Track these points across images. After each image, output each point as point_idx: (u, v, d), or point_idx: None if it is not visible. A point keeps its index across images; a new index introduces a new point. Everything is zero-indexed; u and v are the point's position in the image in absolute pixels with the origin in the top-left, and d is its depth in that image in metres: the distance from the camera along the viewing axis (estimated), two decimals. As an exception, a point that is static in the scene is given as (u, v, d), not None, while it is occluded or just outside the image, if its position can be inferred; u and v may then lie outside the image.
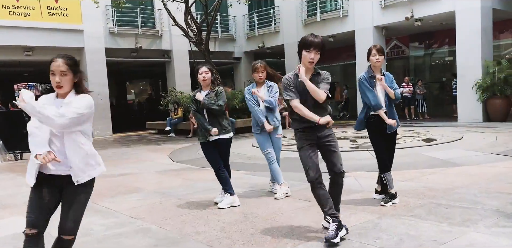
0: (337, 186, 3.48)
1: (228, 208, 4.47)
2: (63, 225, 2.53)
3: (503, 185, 4.90)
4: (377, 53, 4.31)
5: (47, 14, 15.88)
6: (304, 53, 3.39)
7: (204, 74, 4.65)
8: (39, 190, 2.50)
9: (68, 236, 2.54)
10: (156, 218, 4.31)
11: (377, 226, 3.65)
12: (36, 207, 2.50)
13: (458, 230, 3.42)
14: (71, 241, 2.57)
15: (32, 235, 2.46)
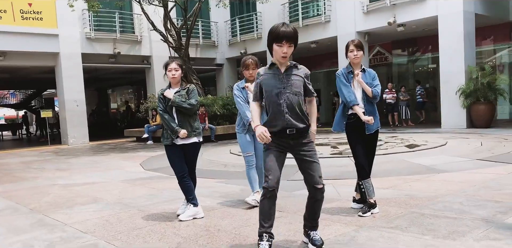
0: (315, 201, 3.01)
1: (190, 221, 4.01)
2: None
3: (491, 192, 4.55)
4: (355, 49, 3.96)
5: (20, 18, 15.26)
6: (276, 48, 2.93)
7: (174, 71, 4.16)
8: None
9: None
10: (108, 232, 3.82)
11: (353, 239, 3.23)
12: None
13: (441, 243, 3.03)
14: None
15: None
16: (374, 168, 4.21)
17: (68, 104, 16.26)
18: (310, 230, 3.08)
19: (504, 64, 15.77)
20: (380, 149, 8.27)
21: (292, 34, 2.93)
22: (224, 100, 15.06)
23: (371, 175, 4.04)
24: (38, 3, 15.61)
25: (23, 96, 35.87)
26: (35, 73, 20.13)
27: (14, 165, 10.23)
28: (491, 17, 14.26)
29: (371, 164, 4.08)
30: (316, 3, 16.83)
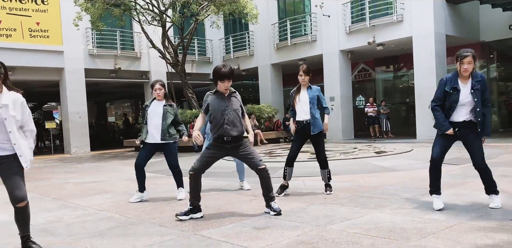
0: (263, 179, 4.23)
1: (184, 201, 5.14)
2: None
3: (425, 183, 5.68)
4: (303, 74, 5.14)
5: (28, 36, 16.44)
6: (220, 84, 4.18)
7: (158, 90, 5.38)
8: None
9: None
10: (120, 210, 4.95)
11: (304, 210, 4.38)
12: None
13: (367, 212, 4.18)
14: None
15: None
16: (339, 168, 5.46)
17: (72, 116, 17.36)
18: (270, 202, 4.23)
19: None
20: (351, 154, 9.45)
21: (230, 73, 4.21)
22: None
23: (328, 167, 5.23)
24: (45, 22, 16.81)
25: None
26: (38, 87, 21.23)
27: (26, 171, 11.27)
28: (462, 38, 15.58)
29: (322, 159, 5.22)
30: (303, 23, 18.15)
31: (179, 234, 3.70)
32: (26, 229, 3.36)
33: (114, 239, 3.65)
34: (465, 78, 3.99)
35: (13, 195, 3.27)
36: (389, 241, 3.15)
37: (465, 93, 3.96)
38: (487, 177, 4.10)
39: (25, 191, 3.31)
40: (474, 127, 4.01)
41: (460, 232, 3.29)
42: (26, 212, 3.32)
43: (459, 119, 4.02)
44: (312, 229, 3.60)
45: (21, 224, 3.34)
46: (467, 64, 3.91)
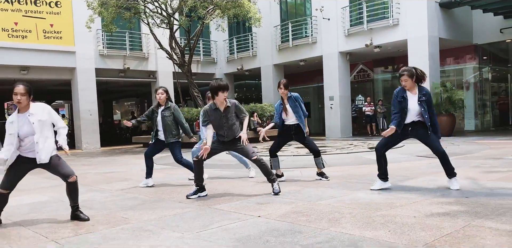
0: (260, 166, 5.10)
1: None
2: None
3: (407, 172, 6.53)
4: (283, 88, 6.00)
5: (42, 37, 17.31)
6: (220, 94, 5.00)
7: (160, 95, 6.20)
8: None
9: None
10: (143, 192, 5.79)
11: (299, 191, 5.21)
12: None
13: (351, 192, 5.00)
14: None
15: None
16: (334, 161, 6.32)
17: (83, 113, 18.23)
18: (272, 183, 5.05)
19: (469, 82, 17.84)
20: (346, 150, 10.27)
21: (226, 86, 5.08)
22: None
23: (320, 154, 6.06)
24: (59, 23, 17.68)
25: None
26: (50, 85, 22.12)
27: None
28: (456, 41, 16.37)
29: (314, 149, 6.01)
30: (304, 26, 18.95)
31: (196, 208, 4.52)
32: (75, 200, 4.21)
33: (144, 211, 4.48)
34: (409, 89, 4.92)
35: (62, 174, 4.12)
36: (363, 211, 3.97)
37: (413, 102, 4.89)
38: (445, 161, 4.92)
39: (71, 169, 4.17)
40: (422, 125, 4.88)
41: (423, 205, 4.11)
42: (76, 186, 4.17)
43: (409, 121, 4.92)
44: (305, 204, 4.43)
45: (72, 196, 4.19)
46: (404, 81, 4.91)
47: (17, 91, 3.93)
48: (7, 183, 4.11)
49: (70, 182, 4.14)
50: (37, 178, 7.79)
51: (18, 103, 3.94)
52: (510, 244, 2.82)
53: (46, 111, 4.12)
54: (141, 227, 3.79)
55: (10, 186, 4.14)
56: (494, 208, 3.83)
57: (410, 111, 4.89)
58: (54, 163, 4.14)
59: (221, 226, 3.65)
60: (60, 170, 4.16)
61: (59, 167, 4.16)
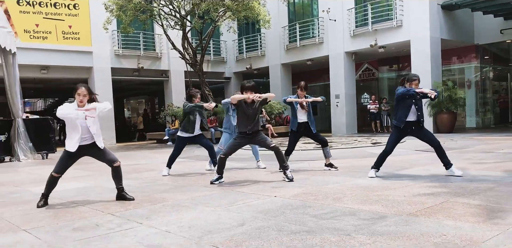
0: (276, 154, 5.88)
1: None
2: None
3: (402, 163, 7.28)
4: (303, 91, 6.76)
5: (62, 38, 18.22)
6: (249, 93, 5.85)
7: (199, 97, 7.09)
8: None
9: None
10: (171, 179, 6.60)
11: (307, 178, 5.99)
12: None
13: (353, 179, 5.77)
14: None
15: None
16: (339, 154, 7.02)
17: (98, 111, 19.11)
18: (285, 171, 5.83)
19: (471, 81, 18.48)
20: (351, 145, 11.02)
21: (254, 86, 5.91)
22: (232, 109, 17.82)
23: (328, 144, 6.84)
24: (77, 25, 18.58)
25: (46, 105, 38.91)
26: (67, 84, 23.05)
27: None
28: (457, 41, 17.03)
29: (321, 140, 6.80)
30: (311, 27, 19.69)
31: (220, 191, 5.33)
32: (120, 182, 5.02)
33: (177, 193, 5.29)
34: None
35: (109, 159, 4.94)
36: (362, 192, 4.75)
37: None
38: (442, 153, 5.64)
39: (115, 156, 4.97)
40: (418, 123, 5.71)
41: (413, 188, 4.87)
42: (120, 170, 4.99)
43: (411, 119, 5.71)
44: (313, 187, 5.22)
45: (117, 179, 5.00)
46: (415, 85, 5.64)
47: (80, 92, 4.74)
48: (61, 168, 4.93)
49: (115, 167, 4.96)
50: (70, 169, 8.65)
51: (80, 102, 4.75)
52: (472, 212, 3.59)
53: (97, 108, 4.92)
54: (178, 204, 4.60)
55: (62, 171, 4.95)
56: (471, 190, 4.59)
57: (412, 110, 5.64)
58: (103, 150, 4.95)
59: (245, 203, 4.45)
60: (106, 156, 4.97)
61: (106, 154, 4.97)
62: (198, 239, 3.20)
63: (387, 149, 5.87)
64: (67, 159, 4.91)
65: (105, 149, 5.04)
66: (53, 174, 4.93)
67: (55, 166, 4.95)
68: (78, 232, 3.60)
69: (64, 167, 4.95)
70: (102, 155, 4.98)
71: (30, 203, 5.08)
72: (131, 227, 3.69)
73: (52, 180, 4.94)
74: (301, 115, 6.79)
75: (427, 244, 2.83)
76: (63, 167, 4.94)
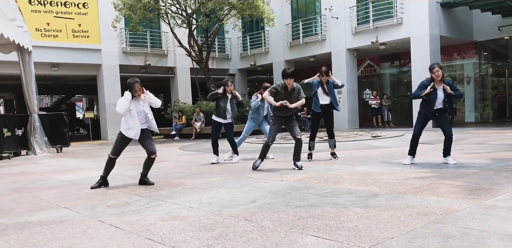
0: (297, 145, 6.41)
1: (229, 163, 7.36)
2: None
3: (398, 154, 7.80)
4: (325, 75, 7.26)
5: (71, 36, 18.80)
6: (288, 80, 6.39)
7: (231, 88, 7.63)
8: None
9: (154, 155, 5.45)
10: (183, 169, 7.16)
11: (311, 167, 6.55)
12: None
13: (352, 167, 6.33)
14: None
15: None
16: (340, 146, 7.50)
17: (108, 106, 19.71)
18: (296, 161, 6.38)
19: (470, 77, 18.96)
20: (352, 138, 11.56)
21: (293, 73, 6.40)
22: (237, 104, 18.34)
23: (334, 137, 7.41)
24: (86, 23, 19.16)
25: (53, 101, 39.60)
26: (76, 80, 23.69)
27: (83, 151, 13.67)
28: (457, 38, 17.50)
29: (331, 131, 7.39)
30: (314, 24, 20.20)
31: (233, 177, 5.89)
32: (146, 171, 5.59)
33: (193, 179, 5.87)
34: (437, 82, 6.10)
35: (150, 149, 5.55)
36: (359, 176, 5.30)
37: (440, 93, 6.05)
38: (448, 144, 6.19)
39: (155, 148, 5.56)
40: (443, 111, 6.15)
41: (405, 173, 5.42)
42: (153, 162, 5.59)
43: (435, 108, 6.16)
44: (315, 173, 5.77)
45: (147, 167, 5.61)
46: (437, 72, 6.04)
47: (136, 88, 5.42)
48: (117, 150, 5.58)
49: (152, 158, 5.56)
50: (92, 160, 9.26)
51: (136, 93, 5.41)
52: (454, 190, 4.15)
53: (147, 100, 5.50)
54: (196, 187, 5.16)
55: (118, 153, 5.59)
56: (457, 174, 5.13)
57: (438, 100, 6.05)
58: (150, 138, 5.55)
59: (255, 186, 5.01)
60: (149, 146, 5.54)
61: (150, 143, 5.55)
62: (218, 212, 3.76)
63: (415, 133, 6.35)
64: (121, 142, 5.53)
65: (152, 140, 5.61)
66: (111, 155, 5.59)
67: (112, 149, 5.62)
68: (112, 208, 4.17)
69: (119, 149, 5.60)
70: (148, 141, 5.54)
71: (61, 188, 5.66)
72: (157, 204, 4.26)
73: (109, 161, 5.60)
74: (323, 99, 7.29)
75: (411, 213, 3.38)
76: (118, 149, 5.59)
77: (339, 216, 3.40)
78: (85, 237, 3.21)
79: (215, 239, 2.97)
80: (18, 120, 12.78)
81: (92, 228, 3.46)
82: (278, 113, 6.46)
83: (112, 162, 5.63)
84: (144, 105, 5.46)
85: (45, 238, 3.24)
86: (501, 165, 5.80)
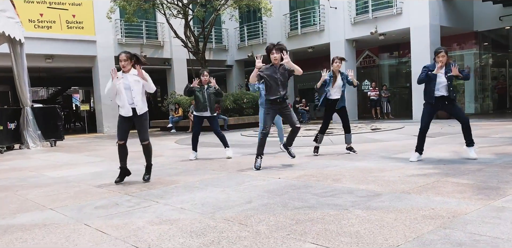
0: (293, 132, 6.07)
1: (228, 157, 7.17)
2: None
3: (400, 148, 7.61)
4: (338, 61, 6.99)
5: (66, 27, 18.48)
6: (271, 56, 5.90)
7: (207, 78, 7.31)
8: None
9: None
10: (180, 164, 6.94)
11: (309, 162, 6.34)
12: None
13: (352, 162, 6.12)
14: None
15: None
16: (339, 140, 7.30)
17: (104, 99, 19.42)
18: (288, 145, 6.11)
19: (470, 67, 18.70)
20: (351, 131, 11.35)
21: (282, 47, 5.91)
22: (235, 97, 18.01)
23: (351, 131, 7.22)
24: (80, 14, 18.82)
25: (49, 93, 39.23)
26: (71, 72, 23.36)
27: (77, 144, 13.42)
28: (457, 28, 17.25)
29: (347, 125, 7.15)
30: (313, 14, 19.91)
31: (228, 174, 5.68)
32: (147, 160, 5.42)
33: (187, 176, 5.65)
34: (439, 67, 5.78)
35: (141, 137, 5.34)
36: (360, 174, 5.09)
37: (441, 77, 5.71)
38: (468, 132, 5.86)
39: (148, 135, 5.33)
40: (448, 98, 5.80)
41: (407, 170, 5.21)
42: (148, 148, 5.38)
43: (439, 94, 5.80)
44: (314, 170, 5.56)
45: (146, 156, 5.40)
46: (442, 57, 5.73)
47: (121, 58, 5.17)
48: (121, 133, 5.32)
49: (143, 145, 5.34)
50: (84, 154, 9.05)
51: (123, 67, 5.14)
52: (460, 189, 3.94)
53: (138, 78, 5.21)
54: (189, 186, 4.95)
55: (123, 136, 5.32)
56: (462, 171, 4.93)
57: (440, 85, 5.72)
58: (143, 121, 5.26)
59: (251, 184, 4.80)
60: (140, 133, 5.31)
61: (141, 130, 5.31)
62: (211, 214, 3.55)
63: (422, 126, 5.99)
64: (120, 123, 5.31)
65: (146, 123, 5.33)
66: (118, 142, 5.36)
67: (117, 134, 5.39)
68: (100, 210, 3.95)
69: (122, 131, 5.33)
70: (139, 128, 5.30)
71: (50, 186, 5.44)
72: (148, 205, 4.04)
73: (119, 148, 5.36)
74: (334, 92, 6.97)
75: (416, 216, 3.17)
76: (121, 131, 5.33)
77: (339, 219, 3.19)
78: (68, 243, 3.00)
79: (206, 247, 2.75)
80: (10, 114, 12.51)
81: (76, 232, 3.24)
82: (270, 97, 5.87)
83: (122, 148, 5.37)
84: (132, 82, 5.16)
85: (24, 245, 3.03)
86: (506, 160, 5.60)
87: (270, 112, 5.99)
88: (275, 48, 5.87)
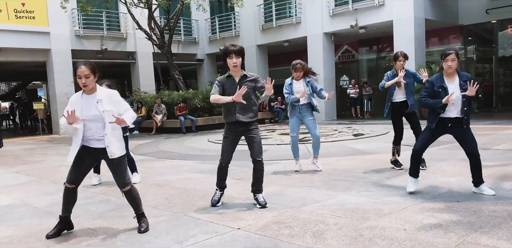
0: (256, 171, 4.42)
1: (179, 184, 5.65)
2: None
3: (387, 163, 6.28)
4: (403, 59, 5.90)
5: (14, 17, 16.49)
6: (228, 60, 4.26)
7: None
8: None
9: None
10: (116, 192, 5.42)
11: (282, 193, 4.92)
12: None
13: (335, 194, 4.73)
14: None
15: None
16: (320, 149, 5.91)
17: (59, 97, 17.55)
18: (256, 192, 4.45)
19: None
20: (330, 137, 10.03)
21: (241, 50, 4.29)
22: (204, 94, 16.40)
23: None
24: (31, 3, 16.85)
25: (8, 88, 36.62)
26: (25, 67, 21.24)
27: (18, 151, 11.64)
28: (442, 22, 16.16)
29: (417, 130, 5.78)
30: (288, 5, 18.49)
31: (171, 217, 4.20)
32: (137, 208, 3.80)
33: (114, 219, 4.14)
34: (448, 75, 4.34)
35: (118, 182, 3.74)
36: (350, 221, 3.71)
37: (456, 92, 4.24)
38: (475, 168, 4.47)
39: (128, 177, 3.76)
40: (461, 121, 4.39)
41: (412, 213, 3.86)
42: (131, 194, 3.75)
43: (450, 116, 4.37)
44: (287, 210, 4.15)
45: (132, 205, 3.81)
46: (451, 62, 4.25)
47: (80, 73, 3.53)
48: (71, 174, 3.71)
49: (125, 192, 3.74)
50: (8, 173, 7.39)
51: (84, 86, 3.54)
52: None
53: (114, 101, 3.66)
54: (109, 243, 3.44)
55: (77, 180, 3.73)
56: (488, 217, 3.61)
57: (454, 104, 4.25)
58: (119, 164, 3.67)
59: (197, 242, 3.33)
60: (119, 174, 3.70)
61: (119, 170, 3.69)
62: None
63: (416, 148, 4.61)
64: (79, 157, 3.68)
65: (121, 163, 3.70)
66: (66, 184, 3.74)
67: (68, 172, 3.77)
68: None
69: (77, 170, 3.72)
70: (116, 170, 3.72)
71: None
72: None
73: (67, 192, 3.75)
74: (397, 94, 5.84)
75: None
76: (76, 170, 3.72)
77: None
78: None
79: None
80: None
81: None
82: (227, 119, 4.42)
83: (70, 194, 3.75)
84: (102, 106, 3.57)
85: None
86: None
87: (228, 136, 4.45)
88: (234, 53, 4.28)
